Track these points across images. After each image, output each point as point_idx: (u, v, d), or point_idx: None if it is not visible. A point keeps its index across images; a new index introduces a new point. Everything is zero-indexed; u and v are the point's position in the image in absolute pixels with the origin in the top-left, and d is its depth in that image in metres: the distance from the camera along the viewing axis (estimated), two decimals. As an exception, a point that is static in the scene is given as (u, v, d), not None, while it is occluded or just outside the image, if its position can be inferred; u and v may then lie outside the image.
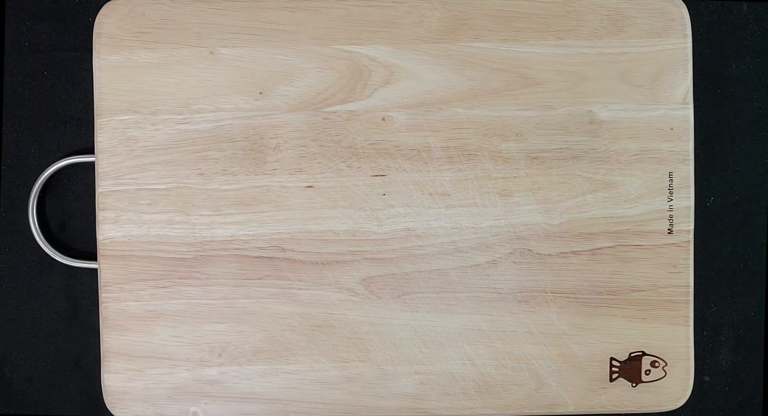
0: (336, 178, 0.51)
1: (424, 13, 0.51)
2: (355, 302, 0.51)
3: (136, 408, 0.51)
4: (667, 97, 0.52)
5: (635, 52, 0.51)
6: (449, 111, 0.51)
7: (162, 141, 0.51)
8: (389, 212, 0.51)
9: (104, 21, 0.51)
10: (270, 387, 0.51)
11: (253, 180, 0.51)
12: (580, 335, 0.52)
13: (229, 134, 0.51)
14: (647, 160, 0.52)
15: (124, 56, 0.51)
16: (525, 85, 0.51)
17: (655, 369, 0.52)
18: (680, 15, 0.52)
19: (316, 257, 0.51)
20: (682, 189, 0.52)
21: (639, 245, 0.52)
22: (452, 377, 0.52)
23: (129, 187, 0.51)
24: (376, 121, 0.51)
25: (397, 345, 0.51)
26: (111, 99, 0.51)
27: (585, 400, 0.52)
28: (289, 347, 0.51)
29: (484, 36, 0.51)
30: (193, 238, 0.51)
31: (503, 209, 0.51)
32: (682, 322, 0.52)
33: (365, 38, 0.51)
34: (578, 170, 0.52)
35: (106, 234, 0.51)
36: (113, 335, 0.51)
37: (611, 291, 0.52)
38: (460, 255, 0.51)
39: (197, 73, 0.51)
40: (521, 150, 0.51)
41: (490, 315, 0.52)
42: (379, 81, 0.51)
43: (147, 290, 0.51)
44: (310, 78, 0.51)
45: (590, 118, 0.51)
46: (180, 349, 0.51)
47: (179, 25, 0.51)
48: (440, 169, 0.51)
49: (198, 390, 0.51)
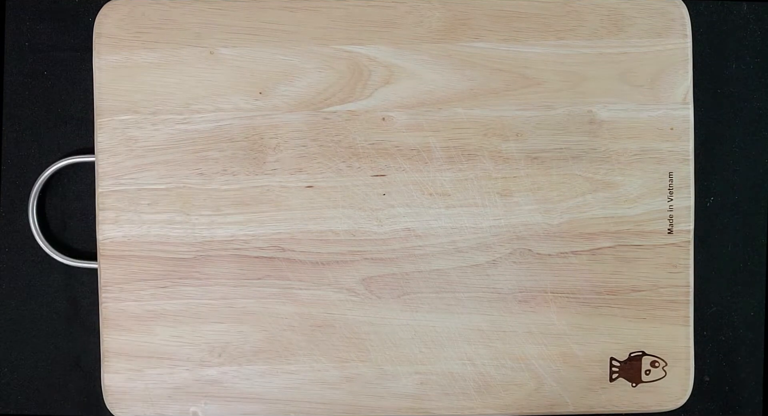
0: (336, 178, 0.51)
1: (424, 13, 0.51)
2: (355, 302, 0.51)
3: (136, 408, 0.51)
4: (667, 97, 0.52)
5: (635, 52, 0.51)
6: (449, 111, 0.51)
7: (162, 141, 0.51)
8: (389, 212, 0.51)
9: (104, 21, 0.51)
10: (270, 387, 0.51)
11: (253, 180, 0.51)
12: (580, 335, 0.52)
13: (229, 134, 0.51)
14: (647, 160, 0.52)
15: (124, 56, 0.51)
16: (525, 85, 0.51)
17: (655, 369, 0.52)
18: (680, 15, 0.52)
19: (316, 257, 0.51)
20: (682, 189, 0.52)
21: (639, 245, 0.52)
22: (452, 377, 0.52)
23: (129, 187, 0.51)
24: (376, 121, 0.51)
25: (397, 345, 0.51)
26: (111, 99, 0.51)
27: (585, 400, 0.52)
28: (289, 347, 0.51)
29: (484, 36, 0.51)
30: (193, 238, 0.51)
31: (503, 209, 0.51)
32: (682, 322, 0.52)
33: (365, 38, 0.51)
34: (578, 170, 0.52)
35: (106, 234, 0.51)
36: (113, 335, 0.51)
37: (611, 291, 0.52)
38: (460, 255, 0.51)
39: (197, 73, 0.51)
40: (521, 150, 0.51)
41: (490, 315, 0.52)
42: (379, 81, 0.51)
43: (147, 290, 0.51)
44: (310, 78, 0.51)
45: (590, 118, 0.51)
46: (180, 349, 0.51)
47: (179, 25, 0.51)
48: (440, 169, 0.51)
49: (198, 390, 0.51)
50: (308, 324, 0.51)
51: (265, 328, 0.51)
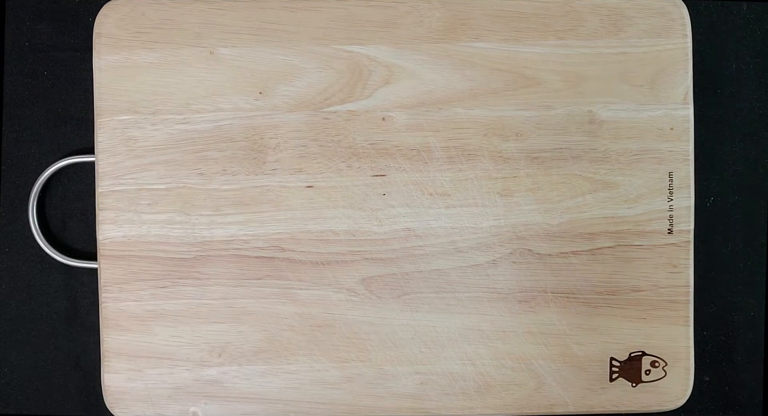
0: (336, 178, 0.51)
1: (424, 13, 0.51)
2: (355, 302, 0.51)
3: (136, 408, 0.51)
4: (667, 97, 0.52)
5: (635, 52, 0.51)
6: (449, 111, 0.51)
7: (162, 141, 0.51)
8: (389, 212, 0.51)
9: (104, 21, 0.51)
10: (270, 387, 0.51)
11: (253, 180, 0.51)
12: (580, 335, 0.52)
13: (229, 134, 0.51)
14: (647, 160, 0.52)
15: (124, 56, 0.51)
16: (525, 85, 0.51)
17: (655, 369, 0.52)
18: (680, 15, 0.52)
19: (316, 257, 0.51)
20: (682, 189, 0.52)
21: (639, 245, 0.52)
22: (452, 377, 0.52)
23: (129, 187, 0.51)
24: (376, 121, 0.51)
25: (397, 345, 0.51)
26: (111, 99, 0.51)
27: (585, 400, 0.52)
28: (289, 347, 0.51)
29: (484, 36, 0.51)
30: (193, 238, 0.51)
31: (503, 209, 0.51)
32: (682, 322, 0.52)
33: (365, 38, 0.51)
34: (578, 170, 0.52)
35: (106, 234, 0.51)
36: (113, 335, 0.51)
37: (611, 291, 0.52)
38: (460, 255, 0.51)
39: (197, 73, 0.51)
40: (521, 150, 0.51)
41: (490, 315, 0.52)
42: (379, 81, 0.51)
43: (147, 290, 0.51)
44: (310, 78, 0.51)
45: (590, 118, 0.51)
46: (180, 349, 0.51)
47: (179, 25, 0.51)
48: (440, 169, 0.51)
49: (198, 390, 0.51)
50: (308, 324, 0.51)
51: (265, 328, 0.51)
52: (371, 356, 0.51)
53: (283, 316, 0.51)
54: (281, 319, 0.51)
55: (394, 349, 0.52)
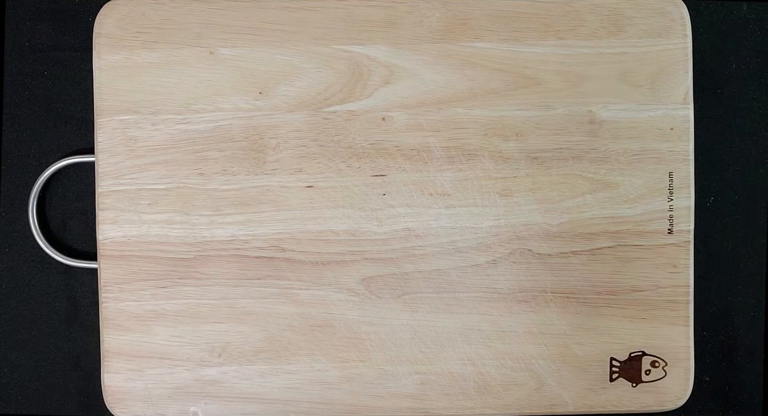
0: (336, 178, 0.51)
1: (424, 13, 0.51)
2: (355, 302, 0.51)
3: (136, 408, 0.51)
4: (667, 97, 0.52)
5: (635, 52, 0.51)
6: (449, 111, 0.51)
7: (162, 141, 0.51)
8: (389, 212, 0.51)
9: (104, 21, 0.51)
10: (270, 387, 0.51)
11: (253, 180, 0.51)
12: (580, 335, 0.52)
13: (229, 134, 0.51)
14: (647, 160, 0.52)
15: (124, 56, 0.51)
16: (525, 85, 0.51)
17: (655, 369, 0.52)
18: (680, 15, 0.52)
19: (316, 257, 0.51)
20: (682, 189, 0.52)
21: (639, 245, 0.52)
22: (452, 377, 0.52)
23: (129, 187, 0.51)
24: (376, 121, 0.51)
25: (397, 345, 0.51)
26: (111, 99, 0.51)
27: (585, 400, 0.52)
28: (289, 347, 0.51)
29: (484, 36, 0.51)
30: (193, 238, 0.51)
31: (503, 209, 0.51)
32: (682, 322, 0.52)
33: (365, 38, 0.51)
34: (578, 170, 0.52)
35: (106, 234, 0.51)
36: (113, 335, 0.51)
37: (611, 291, 0.52)
38: (460, 255, 0.51)
39: (197, 73, 0.51)
40: (521, 150, 0.51)
41: (490, 315, 0.52)
42: (379, 81, 0.51)
43: (147, 290, 0.51)
44: (310, 78, 0.51)
45: (590, 118, 0.51)
46: (180, 349, 0.51)
47: (179, 25, 0.51)
48: (440, 169, 0.51)
49: (198, 390, 0.51)
50: (308, 324, 0.51)
51: (265, 328, 0.51)
52: (371, 356, 0.51)
53: (283, 316, 0.51)
54: (281, 319, 0.51)
55: (394, 349, 0.52)
